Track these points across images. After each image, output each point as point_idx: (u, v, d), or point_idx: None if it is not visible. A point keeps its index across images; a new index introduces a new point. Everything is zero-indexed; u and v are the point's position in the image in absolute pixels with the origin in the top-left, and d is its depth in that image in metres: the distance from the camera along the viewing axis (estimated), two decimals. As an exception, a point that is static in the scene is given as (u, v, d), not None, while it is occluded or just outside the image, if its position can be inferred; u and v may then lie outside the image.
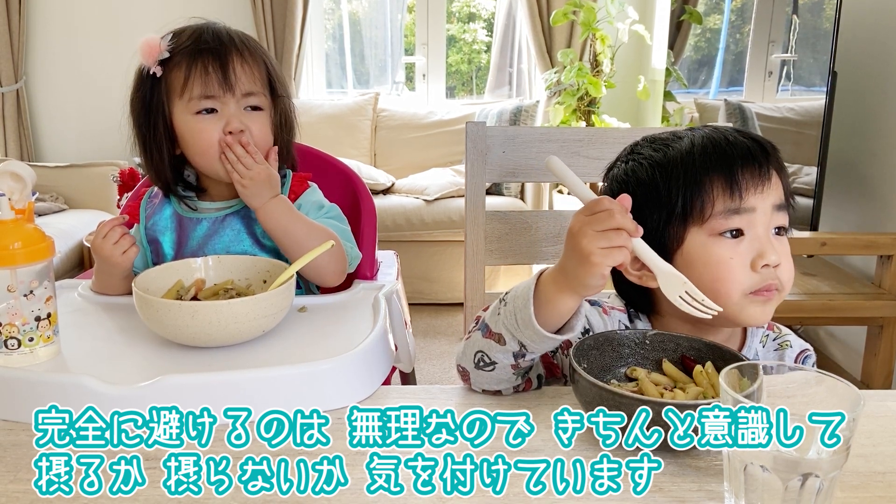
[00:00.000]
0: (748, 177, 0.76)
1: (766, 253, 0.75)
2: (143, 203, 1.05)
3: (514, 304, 0.72)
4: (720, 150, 0.77)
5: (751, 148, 0.77)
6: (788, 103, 2.40)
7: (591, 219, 0.66)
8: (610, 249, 0.65)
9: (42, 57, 3.61)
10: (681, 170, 0.77)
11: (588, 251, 0.65)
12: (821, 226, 2.07)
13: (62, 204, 3.23)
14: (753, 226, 0.76)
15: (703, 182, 0.76)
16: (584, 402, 0.68)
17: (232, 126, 0.95)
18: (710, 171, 0.76)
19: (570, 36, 3.47)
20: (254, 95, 0.97)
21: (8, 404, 0.72)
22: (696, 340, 0.75)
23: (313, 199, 1.06)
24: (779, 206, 0.78)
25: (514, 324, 0.71)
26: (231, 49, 0.96)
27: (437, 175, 3.24)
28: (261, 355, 0.79)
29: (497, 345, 0.74)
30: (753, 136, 0.79)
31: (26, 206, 0.75)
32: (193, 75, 0.94)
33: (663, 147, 0.80)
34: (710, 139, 0.78)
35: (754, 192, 0.76)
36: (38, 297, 0.74)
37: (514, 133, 1.18)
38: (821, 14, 2.27)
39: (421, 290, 3.05)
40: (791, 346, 0.86)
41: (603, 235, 0.65)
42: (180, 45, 0.95)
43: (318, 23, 3.83)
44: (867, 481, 0.62)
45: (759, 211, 0.76)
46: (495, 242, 1.19)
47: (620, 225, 0.66)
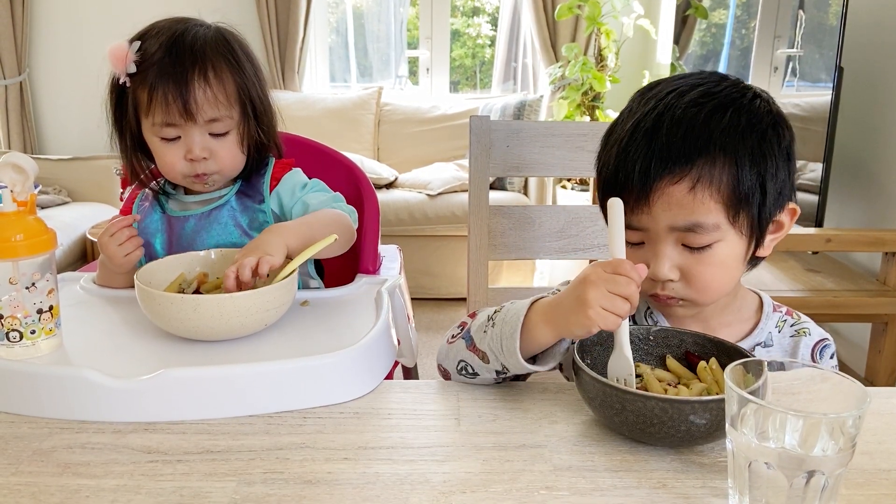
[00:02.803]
0: (631, 199, 0.73)
1: (651, 268, 0.74)
2: (136, 206, 1.05)
3: (501, 329, 0.72)
4: (622, 162, 0.73)
5: (643, 165, 0.71)
6: (794, 99, 2.39)
7: (609, 278, 0.66)
8: (610, 313, 0.66)
9: (45, 49, 3.61)
10: (601, 161, 0.79)
11: (590, 304, 0.66)
12: (826, 222, 2.06)
13: (65, 197, 3.23)
14: (650, 240, 0.75)
15: (605, 185, 0.77)
16: (588, 399, 0.67)
17: (193, 154, 0.94)
18: (607, 183, 0.76)
19: (575, 30, 3.46)
20: (218, 121, 0.94)
21: (10, 397, 0.72)
22: (700, 336, 0.75)
23: (295, 180, 1.05)
24: (680, 227, 0.72)
25: (498, 348, 0.72)
26: (195, 72, 0.91)
27: (441, 170, 3.23)
28: (263, 349, 0.79)
29: (480, 361, 0.75)
30: (675, 137, 0.71)
31: (28, 198, 0.74)
32: (155, 102, 0.91)
33: (626, 115, 0.78)
34: (632, 143, 0.73)
35: (640, 213, 0.73)
36: (41, 290, 0.74)
37: (518, 128, 1.17)
38: (827, 9, 2.25)
39: (423, 285, 3.05)
40: (809, 334, 0.82)
41: (611, 297, 0.66)
42: (147, 58, 0.92)
43: (321, 16, 3.82)
44: (872, 479, 0.61)
45: (651, 230, 0.74)
46: (498, 237, 1.18)
47: (628, 295, 0.66)
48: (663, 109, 0.73)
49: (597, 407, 0.66)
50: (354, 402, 0.74)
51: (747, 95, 0.74)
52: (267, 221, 1.02)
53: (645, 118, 0.73)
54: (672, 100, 0.73)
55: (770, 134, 0.73)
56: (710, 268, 0.74)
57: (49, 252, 0.75)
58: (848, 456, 0.51)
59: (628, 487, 0.60)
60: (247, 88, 0.97)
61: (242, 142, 0.99)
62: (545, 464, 0.63)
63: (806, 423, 0.53)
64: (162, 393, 0.70)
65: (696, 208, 0.71)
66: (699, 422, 0.60)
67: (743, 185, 0.71)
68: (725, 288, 0.78)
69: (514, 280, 3.07)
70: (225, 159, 0.97)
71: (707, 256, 0.73)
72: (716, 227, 0.72)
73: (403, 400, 0.75)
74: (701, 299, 0.77)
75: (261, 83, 1.00)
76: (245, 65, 0.97)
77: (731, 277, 0.77)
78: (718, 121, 0.71)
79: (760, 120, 0.73)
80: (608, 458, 0.64)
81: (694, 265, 0.74)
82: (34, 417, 0.70)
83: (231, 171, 1.00)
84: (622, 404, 0.63)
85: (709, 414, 0.60)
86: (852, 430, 0.51)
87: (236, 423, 0.69)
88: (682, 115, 0.72)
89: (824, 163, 2.00)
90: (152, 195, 1.04)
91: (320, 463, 0.63)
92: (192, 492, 0.58)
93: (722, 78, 0.76)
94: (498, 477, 0.61)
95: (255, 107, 0.98)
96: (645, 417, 0.62)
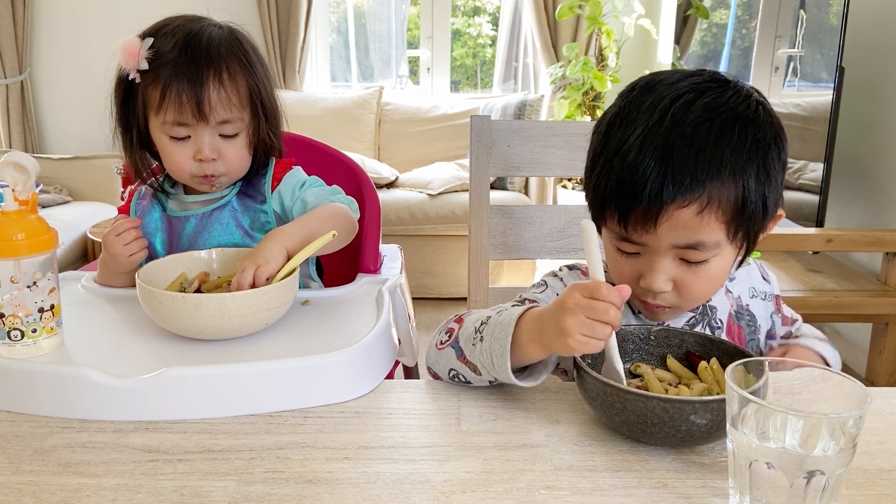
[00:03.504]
0: (634, 218, 0.71)
1: (646, 280, 0.74)
2: (133, 204, 1.05)
3: (490, 346, 0.71)
4: (628, 177, 0.70)
5: (653, 189, 0.69)
6: (795, 99, 2.39)
7: (588, 304, 0.64)
8: (589, 339, 0.64)
9: (46, 48, 3.61)
10: (600, 169, 0.74)
11: (569, 332, 0.64)
12: (826, 222, 2.06)
13: (66, 196, 3.24)
14: (648, 255, 0.74)
15: (605, 198, 0.73)
16: (589, 399, 0.67)
17: (203, 154, 0.94)
18: (609, 196, 0.73)
19: (576, 30, 3.45)
20: (229, 123, 0.94)
21: (11, 395, 0.72)
22: (701, 336, 0.75)
23: (295, 179, 1.05)
24: (681, 245, 0.72)
25: (489, 364, 0.71)
26: (210, 73, 0.91)
27: (441, 169, 3.23)
28: (264, 348, 0.79)
29: (472, 373, 0.74)
30: (688, 159, 0.69)
31: (30, 197, 0.74)
32: (168, 100, 0.91)
33: (623, 119, 0.74)
34: (640, 156, 0.70)
35: (642, 232, 0.71)
36: (42, 289, 0.74)
37: (518, 127, 1.17)
38: (828, 9, 2.25)
39: (424, 285, 3.05)
40: (750, 262, 0.88)
41: (590, 324, 0.64)
42: (161, 56, 0.91)
43: (322, 16, 3.82)
44: (873, 479, 0.61)
45: (651, 247, 0.73)
46: (499, 237, 1.18)
47: (609, 321, 0.64)
48: (671, 126, 0.70)
49: (598, 406, 0.66)
50: (355, 402, 0.74)
51: (751, 106, 0.73)
52: (269, 222, 1.02)
53: (652, 132, 0.70)
54: (679, 112, 0.71)
55: (773, 149, 0.73)
56: (704, 280, 0.75)
57: (50, 251, 0.75)
58: (849, 456, 0.51)
59: (629, 487, 0.60)
60: (258, 90, 0.97)
61: (251, 143, 0.99)
62: (546, 463, 0.63)
63: (807, 423, 0.53)
64: (163, 392, 0.70)
65: (701, 229, 0.71)
66: (700, 422, 0.61)
67: (748, 206, 0.71)
68: (713, 294, 0.80)
69: (514, 280, 3.07)
70: (234, 161, 0.97)
71: (702, 270, 0.74)
72: (716, 244, 0.72)
73: (404, 399, 0.75)
74: (689, 306, 0.80)
75: (270, 84, 1.00)
76: (256, 66, 0.97)
77: (720, 284, 0.79)
78: (728, 140, 0.70)
79: (764, 136, 0.72)
80: (609, 458, 0.64)
81: (689, 277, 0.74)
82: (35, 416, 0.70)
83: (238, 173, 1.00)
84: (623, 404, 0.63)
85: (710, 414, 0.60)
86: (853, 430, 0.51)
87: (237, 423, 0.69)
88: (692, 132, 0.70)
89: (825, 163, 2.00)
90: (151, 193, 1.04)
91: (321, 462, 0.63)
92: (192, 491, 0.58)
93: (720, 80, 0.74)
94: (498, 476, 0.61)
95: (266, 108, 0.98)
96: (646, 417, 0.62)
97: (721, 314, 0.85)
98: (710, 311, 0.84)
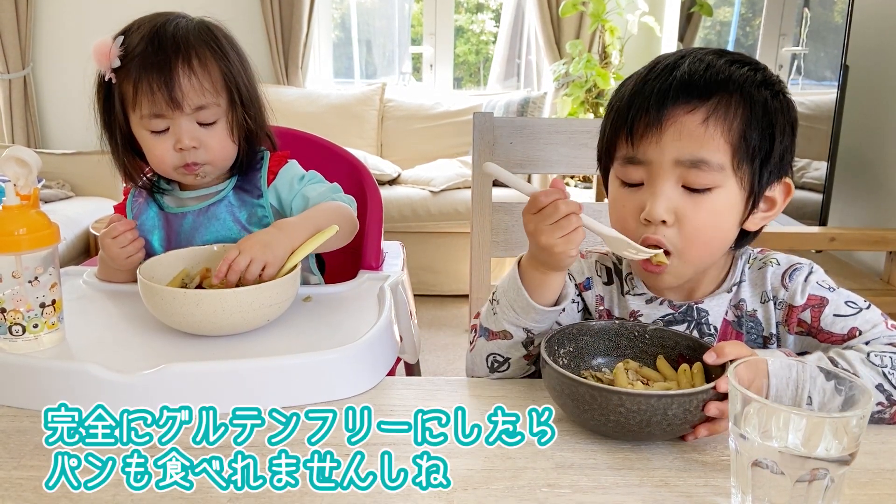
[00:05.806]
0: (642, 125, 0.73)
1: (647, 208, 0.73)
2: (129, 202, 1.05)
3: (506, 298, 0.76)
4: (639, 91, 0.75)
5: (662, 89, 0.72)
6: (799, 97, 2.38)
7: (540, 215, 0.70)
8: (568, 235, 0.69)
9: (49, 44, 3.61)
10: (610, 108, 0.79)
11: (550, 245, 0.69)
12: (830, 221, 2.05)
13: (68, 191, 3.24)
14: (651, 178, 0.74)
15: (614, 125, 0.77)
16: (552, 391, 0.69)
17: (183, 143, 0.93)
18: (619, 116, 0.76)
19: (579, 27, 3.45)
20: (205, 109, 0.94)
21: (12, 391, 0.72)
22: (694, 339, 0.74)
23: (292, 173, 1.05)
24: (685, 161, 0.71)
25: (514, 314, 0.75)
26: (178, 61, 0.91)
27: (444, 166, 3.23)
28: (265, 345, 0.79)
29: (505, 342, 0.76)
30: (697, 70, 0.73)
31: (32, 192, 0.74)
32: (141, 93, 0.91)
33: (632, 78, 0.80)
34: (651, 74, 0.75)
35: (648, 142, 0.72)
36: (43, 284, 0.74)
37: (521, 124, 1.17)
38: (832, 7, 2.24)
39: (426, 282, 3.05)
40: (777, 264, 0.80)
41: (557, 226, 0.69)
42: (130, 52, 0.92)
43: (325, 12, 3.81)
44: (875, 478, 0.61)
45: (655, 164, 0.73)
46: (501, 234, 1.18)
47: (568, 212, 0.69)
48: (686, 52, 0.76)
49: (554, 395, 0.69)
50: (356, 398, 0.74)
51: (768, 74, 0.77)
52: (266, 216, 1.02)
53: (667, 57, 0.76)
54: (694, 49, 0.77)
55: (782, 98, 0.75)
56: (705, 214, 0.73)
57: (52, 246, 0.75)
58: (851, 456, 0.51)
59: (630, 485, 0.59)
60: (232, 76, 0.96)
61: (232, 131, 0.98)
62: (547, 461, 0.63)
63: (809, 422, 0.52)
64: (164, 388, 0.70)
65: (705, 142, 0.71)
66: (628, 411, 0.61)
67: (753, 131, 0.72)
68: (713, 245, 0.76)
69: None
70: (215, 149, 0.96)
71: (705, 201, 0.72)
72: (720, 167, 0.71)
73: (406, 396, 0.75)
74: (688, 252, 0.74)
75: (247, 72, 1.00)
76: (229, 53, 0.97)
77: (722, 235, 0.76)
78: (738, 69, 0.74)
79: (773, 85, 0.75)
80: (610, 456, 0.64)
81: (690, 208, 0.72)
82: (36, 411, 0.70)
83: (222, 162, 0.99)
84: (561, 388, 0.66)
85: (636, 407, 0.61)
86: (856, 429, 0.51)
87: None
88: (703, 57, 0.74)
89: (829, 161, 1.99)
90: (146, 192, 1.04)
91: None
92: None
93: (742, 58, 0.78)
94: (500, 474, 0.61)
95: (242, 94, 0.98)
96: (579, 401, 0.64)
97: (714, 319, 0.80)
98: (698, 313, 0.80)
